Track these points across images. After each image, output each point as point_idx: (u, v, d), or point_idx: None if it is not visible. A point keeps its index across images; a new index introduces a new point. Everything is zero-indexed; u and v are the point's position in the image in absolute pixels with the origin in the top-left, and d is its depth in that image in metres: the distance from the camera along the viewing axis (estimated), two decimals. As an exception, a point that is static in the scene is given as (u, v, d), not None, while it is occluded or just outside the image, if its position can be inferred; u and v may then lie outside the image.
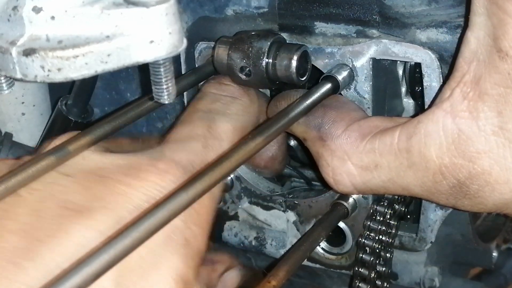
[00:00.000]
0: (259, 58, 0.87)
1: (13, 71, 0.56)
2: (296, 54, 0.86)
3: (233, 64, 0.88)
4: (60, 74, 0.56)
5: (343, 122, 0.84)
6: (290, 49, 0.87)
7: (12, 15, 0.57)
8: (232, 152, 0.69)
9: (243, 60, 0.88)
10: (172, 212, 0.59)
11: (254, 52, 0.87)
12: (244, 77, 0.88)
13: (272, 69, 0.87)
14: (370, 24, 0.88)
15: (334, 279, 1.11)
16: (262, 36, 0.88)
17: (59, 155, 0.69)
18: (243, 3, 0.94)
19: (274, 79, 0.88)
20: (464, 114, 0.73)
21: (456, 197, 0.77)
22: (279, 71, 0.87)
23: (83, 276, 0.52)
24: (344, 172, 0.82)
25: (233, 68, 0.89)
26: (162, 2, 0.57)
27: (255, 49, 0.87)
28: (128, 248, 0.55)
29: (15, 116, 1.21)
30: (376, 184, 0.81)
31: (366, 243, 0.94)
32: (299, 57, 0.86)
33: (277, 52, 0.87)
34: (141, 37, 0.57)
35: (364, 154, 0.81)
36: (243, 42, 0.88)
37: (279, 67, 0.87)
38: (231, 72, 0.89)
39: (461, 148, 0.74)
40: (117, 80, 1.16)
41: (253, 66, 0.87)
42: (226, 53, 0.88)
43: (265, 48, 0.87)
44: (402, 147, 0.78)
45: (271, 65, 0.87)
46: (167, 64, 0.60)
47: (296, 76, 0.87)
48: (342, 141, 0.82)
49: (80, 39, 0.56)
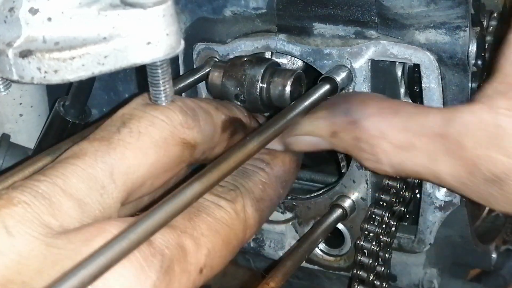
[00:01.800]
0: (253, 86, 0.89)
1: (9, 73, 0.56)
2: (289, 79, 0.88)
3: (228, 91, 0.90)
4: (57, 76, 0.55)
5: (372, 101, 0.83)
6: (284, 75, 0.89)
7: (8, 16, 0.56)
8: (230, 153, 0.68)
9: (237, 88, 0.90)
10: (169, 215, 0.58)
11: (248, 80, 0.89)
12: (238, 103, 0.90)
13: (266, 95, 0.89)
14: (368, 25, 0.87)
15: (332, 281, 1.11)
16: (255, 63, 0.89)
17: (56, 156, 0.69)
18: (241, 4, 0.94)
19: (268, 104, 0.90)
20: (504, 111, 0.72)
21: (489, 191, 0.75)
22: (273, 97, 0.89)
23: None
24: (381, 151, 0.80)
25: (228, 95, 0.90)
26: (159, 4, 0.57)
27: (249, 77, 0.89)
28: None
29: (12, 117, 1.21)
30: (411, 167, 0.80)
31: (365, 245, 0.93)
32: (292, 82, 0.88)
33: (270, 78, 0.89)
34: (138, 38, 0.57)
35: (399, 132, 0.79)
36: (237, 69, 0.89)
37: (273, 93, 0.89)
38: (226, 99, 0.91)
39: (498, 142, 0.72)
40: (115, 81, 1.16)
41: (247, 94, 0.89)
42: (220, 79, 0.90)
43: (259, 75, 0.88)
44: (438, 131, 0.76)
45: (265, 91, 0.89)
46: (165, 65, 0.60)
47: (291, 101, 0.87)
48: (376, 119, 0.80)
49: (77, 40, 0.56)
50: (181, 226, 0.64)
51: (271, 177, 0.81)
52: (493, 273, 1.24)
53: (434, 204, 0.93)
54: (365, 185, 0.94)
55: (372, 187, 0.95)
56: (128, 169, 0.64)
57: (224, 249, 0.69)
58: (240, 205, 0.73)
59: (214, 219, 0.69)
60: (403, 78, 0.96)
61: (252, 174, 0.79)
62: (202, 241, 0.66)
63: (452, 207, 0.92)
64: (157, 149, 0.67)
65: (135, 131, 0.66)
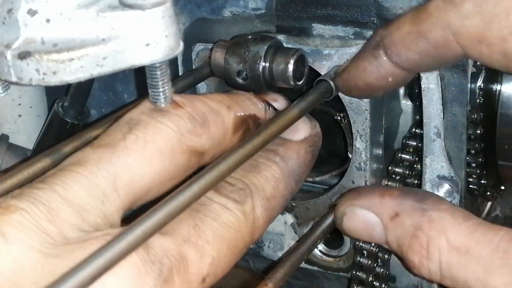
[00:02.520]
0: (256, 63, 0.87)
1: (8, 75, 0.56)
2: (292, 58, 0.86)
3: (230, 68, 0.88)
4: (55, 77, 0.55)
5: (447, 201, 0.82)
6: (286, 53, 0.87)
7: (7, 18, 0.56)
8: (229, 154, 0.68)
9: (240, 65, 0.88)
10: (169, 216, 0.58)
11: (250, 57, 0.87)
12: (241, 81, 0.88)
13: (269, 73, 0.87)
14: (368, 26, 0.87)
15: (332, 282, 1.11)
16: (259, 40, 0.88)
17: (54, 157, 0.69)
18: (241, 5, 0.94)
19: (271, 83, 0.88)
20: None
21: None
22: (275, 75, 0.87)
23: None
24: (436, 246, 0.76)
25: (230, 72, 0.89)
26: (158, 5, 0.57)
27: (252, 53, 0.87)
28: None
29: (11, 117, 1.21)
30: (460, 274, 0.75)
31: (364, 246, 0.93)
32: (295, 60, 0.86)
33: (273, 56, 0.87)
34: (137, 40, 0.57)
35: (462, 235, 0.75)
36: (240, 46, 0.88)
37: (276, 71, 0.87)
38: (228, 76, 0.89)
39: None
40: (114, 82, 1.16)
41: (249, 71, 0.87)
42: (223, 57, 0.88)
43: (262, 52, 0.87)
44: (502, 246, 0.73)
45: (268, 69, 0.87)
46: (164, 67, 0.60)
47: (293, 80, 0.86)
48: (446, 214, 0.77)
49: (75, 42, 0.56)
50: (184, 234, 0.62)
51: (284, 171, 0.77)
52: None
53: (433, 205, 0.92)
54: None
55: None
56: (131, 178, 0.62)
57: (229, 255, 0.67)
58: (249, 206, 0.70)
59: (220, 224, 0.66)
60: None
61: (264, 169, 0.76)
62: (206, 250, 0.63)
63: (452, 208, 0.92)
64: (163, 158, 0.65)
65: (141, 139, 0.64)
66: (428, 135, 0.89)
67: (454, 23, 0.74)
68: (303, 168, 0.81)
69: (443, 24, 0.75)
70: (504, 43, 0.72)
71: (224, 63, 0.88)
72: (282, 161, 0.78)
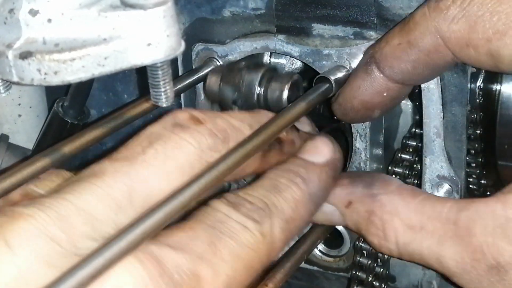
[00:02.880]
0: (251, 91, 0.89)
1: (9, 74, 0.56)
2: (287, 84, 0.88)
3: (225, 97, 0.90)
4: (57, 77, 0.55)
5: (394, 181, 0.84)
6: (281, 79, 0.89)
7: (8, 17, 0.56)
8: (229, 154, 0.68)
9: (234, 94, 0.90)
10: (168, 215, 0.58)
11: (245, 85, 0.88)
12: (236, 108, 0.90)
13: (264, 99, 0.89)
14: (367, 26, 0.88)
15: (331, 282, 1.11)
16: (252, 68, 0.89)
17: (54, 157, 0.69)
18: (240, 5, 0.94)
19: (266, 109, 0.89)
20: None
21: (490, 280, 0.75)
22: (270, 102, 0.89)
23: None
24: (391, 228, 0.81)
25: (225, 101, 0.90)
26: (159, 5, 0.57)
27: (246, 82, 0.89)
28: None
29: (11, 117, 1.21)
30: (416, 249, 0.80)
31: (364, 246, 0.93)
32: (290, 86, 0.88)
33: (268, 83, 0.89)
34: (139, 39, 0.57)
35: (413, 213, 0.79)
36: (234, 74, 0.89)
37: (271, 98, 0.89)
38: (223, 103, 0.91)
39: (506, 232, 0.73)
40: (114, 82, 1.16)
41: (244, 99, 0.89)
42: (218, 85, 0.90)
43: (256, 81, 0.88)
44: (451, 217, 0.77)
45: (263, 96, 0.89)
46: (165, 67, 0.60)
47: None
48: (394, 196, 0.81)
49: (77, 42, 0.56)
50: (199, 250, 0.60)
51: (305, 194, 0.76)
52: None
53: (433, 204, 0.92)
54: (364, 186, 0.94)
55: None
56: (149, 192, 0.61)
57: (245, 274, 0.64)
58: (268, 227, 0.68)
59: (237, 243, 0.64)
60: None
61: (284, 190, 0.74)
62: (221, 268, 0.61)
63: (451, 208, 0.92)
64: (182, 174, 0.63)
65: (160, 153, 0.63)
66: (428, 135, 0.89)
67: (442, 29, 0.75)
68: (323, 192, 0.79)
69: (432, 30, 0.76)
70: (489, 44, 0.73)
71: (219, 91, 0.90)
72: (303, 183, 0.76)
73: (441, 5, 0.75)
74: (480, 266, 0.75)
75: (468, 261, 0.75)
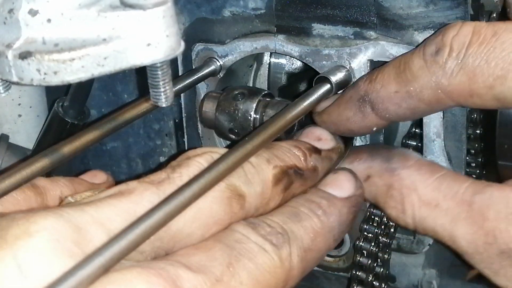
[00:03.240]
0: (246, 120, 0.90)
1: (9, 74, 0.56)
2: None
3: (221, 126, 0.91)
4: (57, 77, 0.55)
5: (412, 155, 0.86)
6: (277, 107, 0.89)
7: (8, 18, 0.56)
8: (229, 154, 0.68)
9: (230, 123, 0.91)
10: (168, 216, 0.58)
11: (241, 115, 0.90)
12: (233, 136, 0.92)
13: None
14: (367, 26, 0.88)
15: (331, 281, 1.11)
16: (248, 96, 0.90)
17: (54, 157, 0.69)
18: (240, 5, 0.94)
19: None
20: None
21: (501, 263, 0.76)
22: None
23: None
24: (409, 202, 0.82)
25: (221, 129, 0.92)
26: (159, 5, 0.57)
27: (242, 112, 0.90)
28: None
29: (11, 117, 1.21)
30: (430, 225, 0.81)
31: (364, 246, 0.93)
32: None
33: (263, 110, 0.90)
34: (138, 40, 0.57)
35: (430, 190, 0.81)
36: (229, 103, 0.90)
37: None
38: (219, 131, 0.92)
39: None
40: (114, 82, 1.16)
41: (240, 128, 0.90)
42: (213, 113, 0.91)
43: (251, 110, 0.90)
44: (466, 199, 0.78)
45: (259, 121, 0.90)
46: (165, 67, 0.60)
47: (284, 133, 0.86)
48: (413, 171, 0.83)
49: (76, 42, 0.56)
50: (217, 273, 0.59)
51: (324, 226, 0.75)
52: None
53: (433, 204, 0.92)
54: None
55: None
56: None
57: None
58: (286, 253, 0.67)
59: (256, 266, 0.63)
60: (402, 78, 0.96)
61: (304, 219, 0.73)
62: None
63: (451, 208, 0.92)
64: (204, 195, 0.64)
65: (185, 175, 0.64)
66: (428, 135, 0.89)
67: (442, 83, 0.76)
68: (343, 227, 0.79)
69: (432, 85, 0.77)
70: (493, 90, 0.74)
71: (215, 120, 0.91)
72: (324, 215, 0.76)
73: (438, 59, 0.76)
74: (492, 250, 0.76)
75: (480, 243, 0.77)
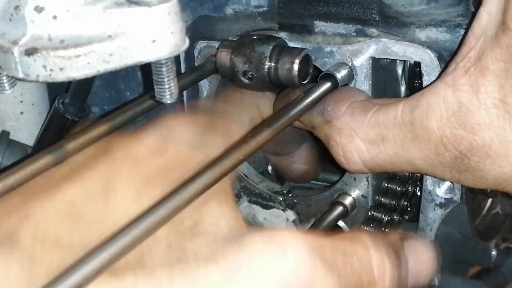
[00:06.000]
0: (261, 63, 0.88)
1: (15, 71, 0.56)
2: (297, 57, 0.87)
3: (236, 69, 0.90)
4: (62, 74, 0.55)
5: (344, 101, 0.85)
6: (292, 53, 0.88)
7: (14, 14, 0.56)
8: (231, 150, 0.68)
9: (245, 65, 0.89)
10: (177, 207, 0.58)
11: (256, 57, 0.88)
12: (246, 81, 0.90)
13: (274, 73, 0.88)
14: (369, 23, 0.88)
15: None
16: (264, 40, 0.89)
17: (57, 154, 0.69)
18: (243, 2, 0.94)
19: (276, 82, 0.89)
20: (464, 87, 0.74)
21: (458, 170, 0.77)
22: (281, 75, 0.88)
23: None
24: (353, 149, 0.82)
25: (236, 73, 0.90)
26: (164, 2, 0.57)
27: (257, 54, 0.88)
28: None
29: (13, 115, 1.21)
30: (384, 159, 0.81)
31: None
32: (300, 60, 0.87)
33: (279, 56, 0.88)
34: (144, 36, 0.57)
35: (370, 128, 0.81)
36: (245, 46, 0.89)
37: (281, 71, 0.88)
38: (234, 76, 0.90)
39: (461, 120, 0.74)
40: (116, 79, 1.16)
41: (255, 71, 0.89)
42: (229, 57, 0.90)
43: (267, 52, 0.88)
44: (406, 119, 0.78)
45: (273, 69, 0.88)
46: (169, 63, 0.60)
47: (298, 80, 0.87)
48: (347, 118, 0.83)
49: (82, 38, 0.56)
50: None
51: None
52: (493, 270, 1.25)
53: (435, 201, 0.93)
54: (365, 183, 0.95)
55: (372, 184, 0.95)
56: None
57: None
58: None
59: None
60: (404, 76, 0.96)
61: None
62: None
63: (452, 205, 0.92)
64: None
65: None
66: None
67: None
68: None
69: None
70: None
71: (230, 63, 0.89)
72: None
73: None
74: (446, 159, 0.76)
75: (433, 156, 0.77)
